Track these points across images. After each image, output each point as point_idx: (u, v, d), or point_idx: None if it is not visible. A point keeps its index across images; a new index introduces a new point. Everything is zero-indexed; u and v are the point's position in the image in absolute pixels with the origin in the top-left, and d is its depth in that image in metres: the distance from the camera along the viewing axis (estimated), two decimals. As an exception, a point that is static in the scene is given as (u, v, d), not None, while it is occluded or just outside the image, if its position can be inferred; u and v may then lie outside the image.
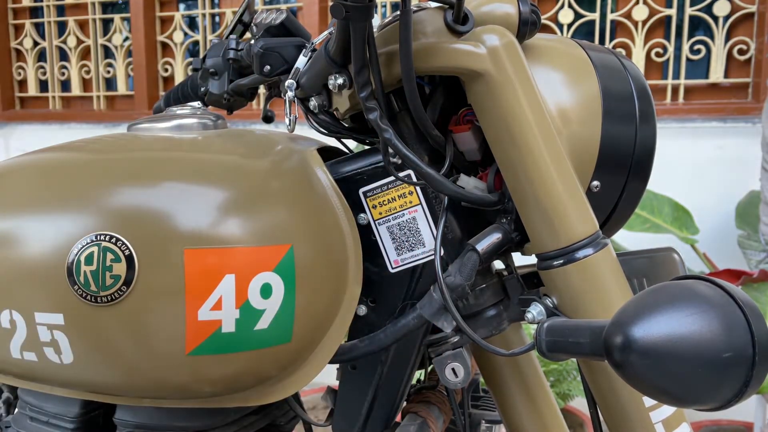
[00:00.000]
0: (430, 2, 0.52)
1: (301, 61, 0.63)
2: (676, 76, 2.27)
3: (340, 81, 0.54)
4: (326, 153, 0.67)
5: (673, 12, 2.23)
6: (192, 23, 2.91)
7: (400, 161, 0.57)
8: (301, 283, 0.54)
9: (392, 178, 0.59)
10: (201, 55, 0.91)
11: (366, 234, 0.60)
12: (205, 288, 0.51)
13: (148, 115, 0.77)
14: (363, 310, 0.62)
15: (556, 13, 2.35)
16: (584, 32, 2.36)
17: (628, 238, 1.86)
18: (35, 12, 3.16)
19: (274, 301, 0.52)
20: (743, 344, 0.33)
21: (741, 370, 0.32)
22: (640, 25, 2.27)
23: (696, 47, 2.24)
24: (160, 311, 0.51)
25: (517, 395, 0.68)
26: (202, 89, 0.91)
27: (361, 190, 0.60)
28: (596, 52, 0.58)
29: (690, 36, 2.25)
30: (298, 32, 0.78)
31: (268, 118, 0.97)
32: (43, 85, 3.15)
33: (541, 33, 0.57)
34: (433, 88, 0.58)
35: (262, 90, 0.98)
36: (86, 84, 3.10)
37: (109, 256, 0.51)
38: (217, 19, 2.83)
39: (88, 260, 0.51)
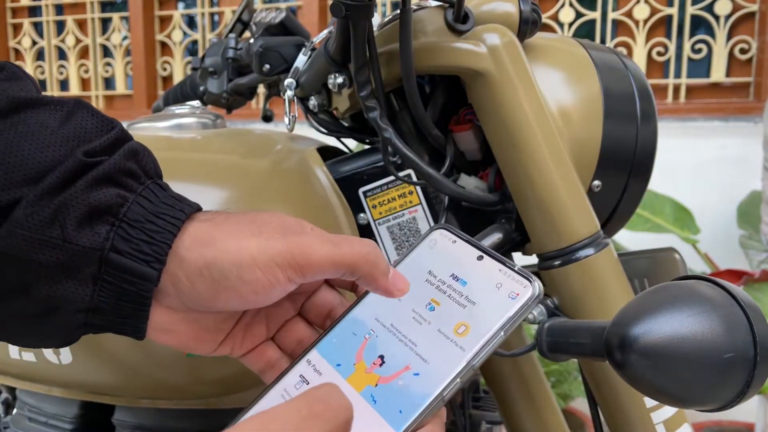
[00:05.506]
0: (430, 1, 0.51)
1: (301, 60, 0.63)
2: (678, 75, 2.26)
3: (339, 80, 0.54)
4: (326, 153, 0.66)
5: (674, 11, 2.23)
6: (191, 22, 2.91)
7: (400, 161, 0.57)
8: (301, 284, 0.53)
9: (392, 177, 0.58)
10: (200, 55, 0.91)
11: (366, 234, 0.60)
12: (204, 288, 0.50)
13: (147, 114, 0.77)
14: (363, 310, 0.62)
15: (557, 12, 2.35)
16: (585, 31, 2.35)
17: (629, 238, 1.86)
18: (34, 11, 3.16)
19: (273, 301, 0.52)
20: (745, 345, 0.32)
21: (742, 371, 0.32)
22: (641, 24, 2.27)
23: (697, 46, 2.23)
24: (158, 312, 0.50)
25: (517, 396, 0.67)
26: (201, 88, 0.91)
27: (361, 190, 0.60)
28: (597, 51, 0.57)
29: (691, 35, 2.25)
30: (297, 31, 0.78)
31: (267, 118, 0.97)
32: (42, 85, 3.15)
33: (542, 32, 0.56)
34: (433, 88, 0.58)
35: (261, 89, 0.98)
36: (85, 83, 3.09)
37: (108, 256, 0.50)
38: (216, 18, 2.83)
39: (87, 260, 0.51)
